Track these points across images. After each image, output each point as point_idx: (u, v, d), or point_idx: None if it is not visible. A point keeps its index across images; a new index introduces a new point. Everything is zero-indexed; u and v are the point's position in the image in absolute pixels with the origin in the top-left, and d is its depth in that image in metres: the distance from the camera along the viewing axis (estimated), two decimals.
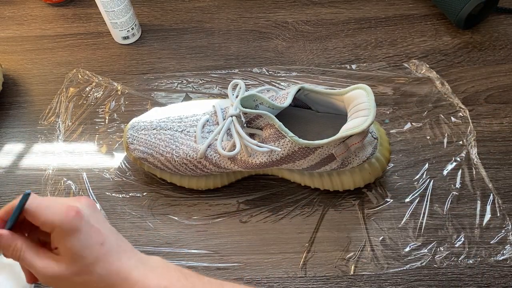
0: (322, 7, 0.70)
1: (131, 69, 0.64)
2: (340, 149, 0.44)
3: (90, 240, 0.34)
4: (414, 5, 0.69)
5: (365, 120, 0.42)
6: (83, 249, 0.34)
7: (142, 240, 0.50)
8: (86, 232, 0.34)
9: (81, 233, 0.33)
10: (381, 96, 0.59)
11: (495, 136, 0.55)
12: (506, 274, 0.47)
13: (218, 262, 0.49)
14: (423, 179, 0.53)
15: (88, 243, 0.34)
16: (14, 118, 0.61)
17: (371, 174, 0.49)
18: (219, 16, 0.70)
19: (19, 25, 0.71)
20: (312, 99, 0.48)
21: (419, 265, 0.48)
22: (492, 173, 0.53)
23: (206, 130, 0.49)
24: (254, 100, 0.44)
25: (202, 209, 0.52)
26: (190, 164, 0.49)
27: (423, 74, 0.61)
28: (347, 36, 0.66)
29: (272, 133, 0.44)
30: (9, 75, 0.65)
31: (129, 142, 0.51)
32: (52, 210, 0.34)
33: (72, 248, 0.33)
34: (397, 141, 0.55)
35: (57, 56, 0.66)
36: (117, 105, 0.60)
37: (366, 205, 0.51)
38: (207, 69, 0.64)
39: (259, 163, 0.46)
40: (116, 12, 0.62)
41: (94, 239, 0.34)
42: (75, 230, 0.33)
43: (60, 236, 0.33)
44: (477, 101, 0.58)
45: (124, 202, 0.53)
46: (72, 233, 0.33)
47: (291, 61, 0.64)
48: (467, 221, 0.50)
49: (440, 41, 0.64)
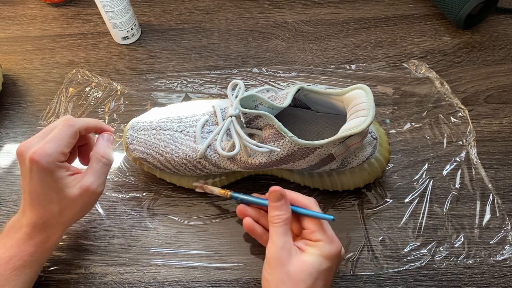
0: (321, 7, 0.70)
1: (131, 69, 0.64)
2: (339, 149, 0.44)
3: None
4: (413, 5, 0.69)
5: (364, 120, 0.42)
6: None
7: (142, 240, 0.50)
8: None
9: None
10: (381, 96, 0.59)
11: (494, 136, 0.55)
12: (506, 274, 0.47)
13: (217, 262, 0.49)
14: (423, 179, 0.53)
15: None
16: (14, 118, 0.61)
17: (371, 174, 0.49)
18: (218, 16, 0.70)
19: (19, 25, 0.71)
20: (312, 99, 0.48)
21: (418, 265, 0.48)
22: (491, 173, 0.53)
23: (205, 130, 0.49)
24: (254, 100, 0.44)
25: (201, 209, 0.52)
26: (190, 164, 0.49)
27: (423, 74, 0.61)
28: (346, 36, 0.66)
29: (272, 133, 0.44)
30: (9, 75, 0.65)
31: (128, 142, 0.51)
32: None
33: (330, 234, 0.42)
34: (397, 141, 0.55)
35: (57, 56, 0.66)
36: (116, 105, 0.61)
37: (365, 205, 0.51)
38: (207, 69, 0.64)
39: (258, 163, 0.46)
40: (116, 12, 0.62)
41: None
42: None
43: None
44: (477, 101, 0.58)
45: (124, 202, 0.53)
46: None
47: (290, 61, 0.64)
48: (466, 221, 0.50)
49: (440, 41, 0.64)
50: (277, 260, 0.40)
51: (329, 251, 0.40)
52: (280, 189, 0.42)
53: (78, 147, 0.47)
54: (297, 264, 0.39)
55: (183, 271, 0.48)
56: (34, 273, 0.42)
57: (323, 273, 0.39)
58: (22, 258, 0.41)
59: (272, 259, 0.40)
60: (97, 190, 0.43)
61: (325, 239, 0.41)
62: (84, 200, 0.42)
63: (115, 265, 0.49)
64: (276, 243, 0.40)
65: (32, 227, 0.41)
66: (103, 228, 0.51)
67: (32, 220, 0.41)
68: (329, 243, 0.40)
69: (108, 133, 0.47)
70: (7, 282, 0.40)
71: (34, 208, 0.41)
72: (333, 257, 0.40)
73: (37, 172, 0.40)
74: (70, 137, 0.42)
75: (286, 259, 0.39)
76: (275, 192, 0.42)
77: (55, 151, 0.40)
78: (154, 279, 0.48)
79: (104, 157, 0.44)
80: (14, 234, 0.42)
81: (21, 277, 0.41)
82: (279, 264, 0.39)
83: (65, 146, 0.41)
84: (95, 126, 0.46)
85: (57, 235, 0.43)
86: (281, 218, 0.42)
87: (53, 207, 0.41)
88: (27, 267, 0.41)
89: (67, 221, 0.43)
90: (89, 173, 0.43)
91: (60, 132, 0.42)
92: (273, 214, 0.42)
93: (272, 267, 0.40)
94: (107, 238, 0.51)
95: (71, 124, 0.43)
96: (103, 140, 0.46)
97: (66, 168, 0.42)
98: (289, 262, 0.39)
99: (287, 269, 0.39)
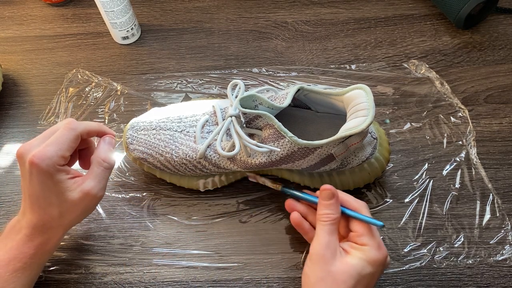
0: (321, 7, 0.70)
1: (131, 69, 0.64)
2: (339, 149, 0.44)
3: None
4: (413, 5, 0.69)
5: (364, 120, 0.42)
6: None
7: (142, 240, 0.50)
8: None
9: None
10: (381, 96, 0.59)
11: (494, 136, 0.55)
12: (506, 274, 0.47)
13: (217, 262, 0.49)
14: (423, 179, 0.53)
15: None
16: (14, 118, 0.61)
17: (371, 174, 0.49)
18: (218, 16, 0.70)
19: (18, 25, 0.71)
20: (312, 99, 0.48)
21: (418, 265, 0.48)
22: (491, 173, 0.53)
23: (205, 130, 0.49)
24: (254, 100, 0.44)
25: (201, 209, 0.52)
26: (190, 164, 0.49)
27: (423, 74, 0.61)
28: (346, 36, 0.66)
29: (272, 133, 0.44)
30: (9, 75, 0.65)
31: (128, 142, 0.51)
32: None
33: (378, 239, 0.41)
34: (397, 141, 0.55)
35: (57, 56, 0.66)
36: (116, 105, 0.61)
37: None
38: (207, 69, 0.64)
39: (258, 163, 0.46)
40: (116, 12, 0.62)
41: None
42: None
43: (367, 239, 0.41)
44: (477, 101, 0.58)
45: (124, 202, 0.53)
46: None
47: (290, 61, 0.64)
48: (466, 221, 0.50)
49: (440, 41, 0.64)
50: (320, 257, 0.40)
51: (374, 257, 0.39)
52: (332, 188, 0.42)
53: (78, 150, 0.47)
54: (340, 264, 0.39)
55: (183, 271, 0.48)
56: (34, 274, 0.42)
57: (365, 278, 0.39)
58: (22, 260, 0.41)
59: (315, 256, 0.40)
60: (98, 194, 0.43)
61: (372, 244, 0.40)
62: (84, 204, 0.42)
63: (115, 265, 0.49)
64: (322, 241, 0.40)
65: (32, 229, 0.41)
66: (103, 228, 0.51)
67: (32, 222, 0.41)
68: (376, 249, 0.40)
69: (109, 136, 0.47)
70: (7, 284, 0.40)
71: (34, 210, 0.41)
72: (378, 264, 0.40)
73: (37, 175, 0.40)
74: (72, 141, 0.42)
75: (329, 258, 0.39)
76: (327, 190, 0.42)
77: (56, 155, 0.40)
78: (154, 279, 0.48)
79: (106, 161, 0.44)
80: (14, 236, 0.42)
81: (21, 278, 0.41)
82: (321, 261, 0.39)
83: (66, 150, 0.41)
84: (97, 130, 0.46)
85: (57, 238, 0.43)
86: (330, 217, 0.41)
87: (53, 210, 0.41)
88: (27, 269, 0.41)
89: (67, 224, 0.43)
90: (90, 177, 0.43)
91: (61, 135, 0.42)
92: (322, 212, 0.42)
93: (314, 263, 0.40)
94: (107, 238, 0.51)
95: (73, 128, 0.42)
96: (105, 144, 0.46)
97: (66, 172, 0.41)
98: (332, 261, 0.39)
99: (329, 268, 0.39)
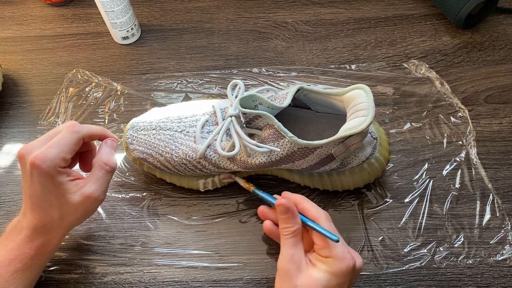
0: (321, 7, 0.70)
1: (131, 69, 0.64)
2: (339, 149, 0.44)
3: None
4: (413, 5, 0.69)
5: (364, 120, 0.42)
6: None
7: (142, 240, 0.50)
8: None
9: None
10: (381, 96, 0.59)
11: (494, 136, 0.55)
12: (506, 274, 0.47)
13: (217, 262, 0.49)
14: (423, 179, 0.53)
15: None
16: (14, 118, 0.61)
17: (371, 174, 0.49)
18: (218, 16, 0.70)
19: (19, 25, 0.71)
20: (312, 99, 0.48)
21: (418, 265, 0.48)
22: (491, 173, 0.53)
23: (205, 130, 0.49)
24: (254, 100, 0.44)
25: (201, 209, 0.52)
26: (190, 164, 0.49)
27: (423, 74, 0.61)
28: (346, 36, 0.66)
29: (272, 133, 0.44)
30: (9, 75, 0.65)
31: (128, 142, 0.51)
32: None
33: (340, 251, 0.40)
34: (397, 141, 0.55)
35: (57, 56, 0.66)
36: (116, 105, 0.61)
37: (365, 205, 0.51)
38: (207, 69, 0.64)
39: (258, 163, 0.46)
40: (116, 12, 0.62)
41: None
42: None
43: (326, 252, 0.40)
44: (477, 101, 0.58)
45: (124, 202, 0.53)
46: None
47: (290, 61, 0.64)
48: (466, 221, 0.50)
49: (440, 41, 0.64)
50: (285, 272, 0.39)
51: (338, 269, 0.39)
52: (285, 202, 0.41)
53: (79, 153, 0.47)
54: (305, 279, 0.39)
55: (183, 271, 0.48)
56: (35, 275, 0.43)
57: None
58: (23, 261, 0.41)
59: (281, 271, 0.40)
60: (99, 198, 0.43)
61: (335, 255, 0.39)
62: (85, 207, 0.42)
63: (115, 265, 0.49)
64: (285, 255, 0.40)
65: (33, 230, 0.41)
66: (103, 228, 0.51)
67: (33, 223, 0.41)
68: (339, 260, 0.39)
69: (111, 139, 0.46)
70: (8, 285, 0.40)
71: (35, 211, 0.41)
72: (344, 274, 0.39)
73: (38, 177, 0.40)
74: (73, 143, 0.42)
75: (294, 272, 0.39)
76: (280, 206, 0.41)
77: (57, 157, 0.40)
78: (154, 279, 0.48)
79: (107, 165, 0.44)
80: (15, 236, 0.42)
81: (21, 279, 0.41)
82: (287, 276, 0.39)
83: (67, 152, 0.41)
84: (99, 133, 0.46)
85: (57, 239, 0.43)
86: (289, 231, 0.41)
87: (53, 212, 0.41)
88: (28, 270, 0.41)
89: (67, 225, 0.43)
90: (91, 180, 0.43)
91: (63, 137, 0.41)
92: (281, 226, 0.42)
93: (281, 278, 0.40)
94: (107, 238, 0.51)
95: (76, 131, 0.42)
96: (107, 147, 0.45)
97: (67, 174, 0.41)
98: (298, 275, 0.39)
99: (295, 283, 0.39)
